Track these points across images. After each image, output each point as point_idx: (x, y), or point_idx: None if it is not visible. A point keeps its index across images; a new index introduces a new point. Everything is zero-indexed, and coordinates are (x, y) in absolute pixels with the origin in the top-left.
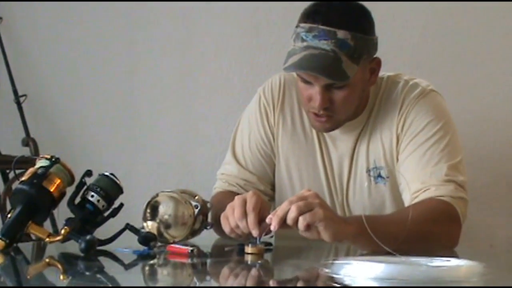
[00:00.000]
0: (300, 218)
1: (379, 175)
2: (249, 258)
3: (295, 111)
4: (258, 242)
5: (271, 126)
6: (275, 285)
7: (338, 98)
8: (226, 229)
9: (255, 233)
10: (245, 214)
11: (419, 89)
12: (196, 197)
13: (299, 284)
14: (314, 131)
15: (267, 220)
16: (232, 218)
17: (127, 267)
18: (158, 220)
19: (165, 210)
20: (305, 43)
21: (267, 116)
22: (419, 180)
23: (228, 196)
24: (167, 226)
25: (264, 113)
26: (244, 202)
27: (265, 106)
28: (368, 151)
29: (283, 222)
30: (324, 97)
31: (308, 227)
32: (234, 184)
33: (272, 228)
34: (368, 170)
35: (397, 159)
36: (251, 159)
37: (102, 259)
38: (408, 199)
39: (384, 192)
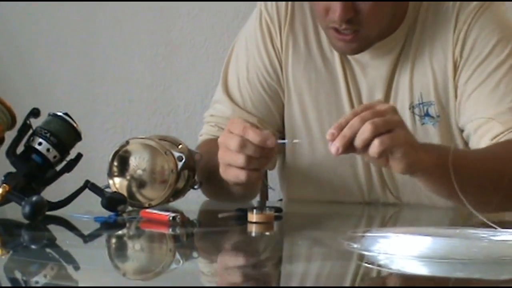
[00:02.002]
0: (376, 141)
1: (427, 114)
2: (252, 229)
3: (309, 30)
4: (282, 141)
5: (277, 50)
6: (286, 266)
7: (365, 5)
8: (232, 174)
9: (270, 143)
10: (245, 141)
11: (476, 2)
12: (180, 146)
13: (317, 265)
14: (336, 56)
15: (328, 136)
16: (232, 154)
17: (87, 239)
18: (128, 177)
19: (138, 163)
20: None
21: (272, 38)
22: (499, 117)
23: (212, 147)
24: (141, 184)
25: (267, 34)
26: (232, 129)
27: (268, 24)
28: (411, 81)
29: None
30: (347, 5)
31: (382, 153)
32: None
33: (334, 151)
34: (411, 107)
35: (456, 93)
36: (250, 95)
37: (53, 228)
38: (480, 140)
39: (433, 135)
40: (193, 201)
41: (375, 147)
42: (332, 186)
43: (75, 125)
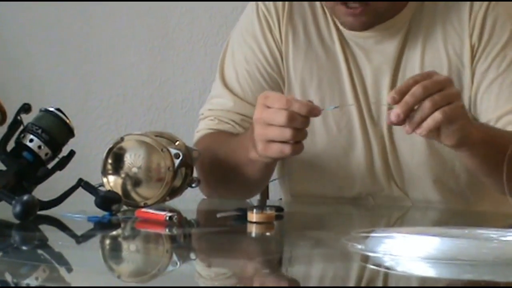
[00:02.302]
0: (438, 114)
1: None
2: (253, 229)
3: (308, 21)
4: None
5: (277, 41)
6: (287, 268)
7: None
8: (276, 150)
9: (317, 112)
10: (293, 114)
11: None
12: (177, 143)
13: (319, 267)
14: (336, 44)
15: (389, 99)
16: (275, 129)
17: (80, 239)
18: (123, 175)
19: (133, 160)
20: None
21: (271, 29)
22: None
23: (220, 138)
24: (136, 182)
25: (266, 25)
26: (271, 103)
27: (266, 16)
28: (423, 64)
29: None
30: None
31: (441, 123)
32: (227, 120)
33: (394, 118)
34: None
35: (473, 80)
36: (250, 87)
37: (45, 229)
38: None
39: None
40: (191, 200)
41: (435, 119)
42: (335, 178)
43: (67, 121)
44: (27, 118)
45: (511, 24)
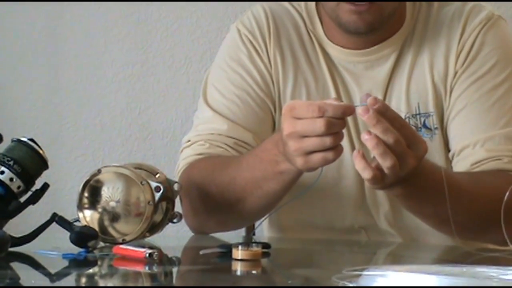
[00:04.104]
0: (389, 163)
1: (424, 125)
2: (238, 267)
3: (295, 44)
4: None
5: (266, 65)
6: None
7: None
8: (319, 159)
9: (351, 110)
10: (331, 121)
11: (485, 13)
12: (158, 175)
13: None
14: (325, 69)
15: (370, 100)
16: (313, 140)
17: (54, 278)
18: (100, 209)
19: (111, 194)
20: None
21: (258, 54)
22: (485, 143)
23: (218, 160)
24: (114, 217)
25: (252, 49)
26: (301, 114)
27: (251, 40)
28: (408, 91)
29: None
30: None
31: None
32: (220, 144)
33: (363, 112)
34: (407, 118)
35: (448, 101)
36: (242, 111)
37: (17, 266)
38: (461, 163)
39: (431, 150)
40: (172, 237)
41: (385, 165)
42: (325, 209)
43: (41, 151)
44: None
45: (496, 55)
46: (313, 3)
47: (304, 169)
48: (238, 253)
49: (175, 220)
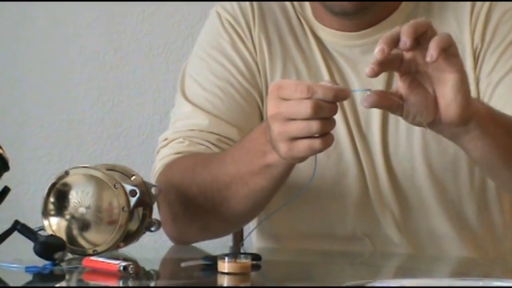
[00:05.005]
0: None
1: None
2: (224, 281)
3: (283, 29)
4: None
5: (251, 52)
6: None
7: None
8: (304, 147)
9: (345, 94)
10: (319, 103)
11: None
12: (133, 178)
13: None
14: (317, 54)
15: (377, 52)
16: (299, 124)
17: None
18: (68, 216)
19: (81, 199)
20: None
21: (241, 39)
22: None
23: (200, 158)
24: (84, 225)
25: (235, 35)
26: (288, 95)
27: (233, 25)
28: None
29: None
30: None
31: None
32: (201, 141)
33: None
34: None
35: (477, 89)
36: (225, 104)
37: None
38: None
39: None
40: (150, 247)
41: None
42: (325, 212)
43: (1, 151)
44: None
45: None
46: None
47: (288, 158)
48: (225, 265)
49: (153, 229)
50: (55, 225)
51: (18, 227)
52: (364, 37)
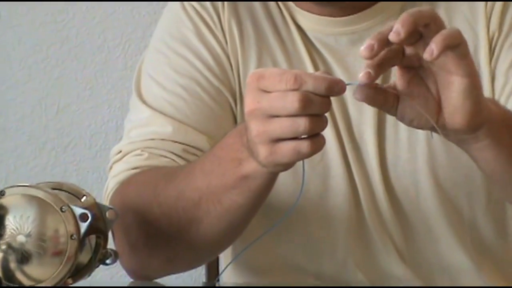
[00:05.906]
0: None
1: None
2: None
3: (258, 13)
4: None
5: (220, 41)
6: None
7: None
8: (288, 150)
9: (340, 88)
10: (308, 96)
11: None
12: (84, 199)
13: None
14: (300, 43)
15: (364, 50)
16: (283, 122)
17: None
18: (4, 246)
19: (19, 224)
20: None
21: (208, 26)
22: None
23: (153, 176)
24: (24, 257)
25: (200, 22)
26: (270, 86)
27: (198, 10)
28: None
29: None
30: None
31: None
32: (163, 153)
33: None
34: None
35: (492, 84)
36: (190, 106)
37: None
38: None
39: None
40: (106, 283)
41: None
42: (310, 238)
43: None
44: None
45: None
46: None
47: (269, 165)
48: None
49: (108, 261)
50: None
51: None
52: (352, 24)
